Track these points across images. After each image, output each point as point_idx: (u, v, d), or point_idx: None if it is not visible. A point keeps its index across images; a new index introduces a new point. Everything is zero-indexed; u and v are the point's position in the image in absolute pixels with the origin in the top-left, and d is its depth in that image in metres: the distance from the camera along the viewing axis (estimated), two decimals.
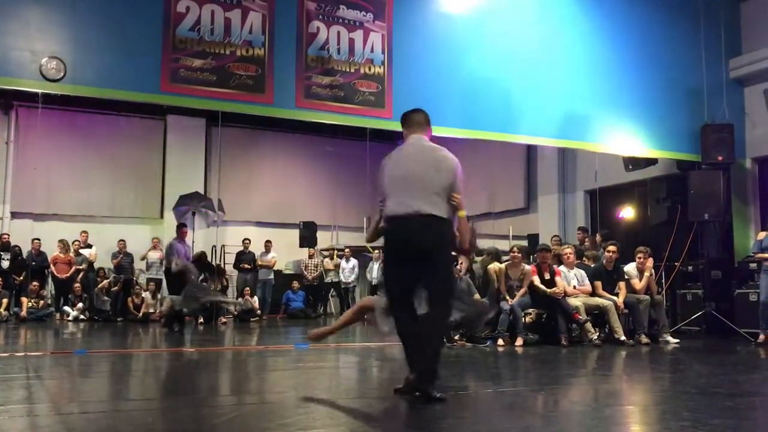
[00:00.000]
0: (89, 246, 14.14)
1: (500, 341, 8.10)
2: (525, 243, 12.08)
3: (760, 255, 8.71)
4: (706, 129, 9.86)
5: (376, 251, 15.90)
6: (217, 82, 7.37)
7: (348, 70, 7.99)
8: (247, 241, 14.75)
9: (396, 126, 8.54)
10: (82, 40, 7.07)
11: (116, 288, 13.57)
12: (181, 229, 10.76)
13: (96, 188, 15.43)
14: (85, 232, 14.22)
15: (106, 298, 13.47)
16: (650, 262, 8.96)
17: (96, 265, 14.09)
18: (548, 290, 8.29)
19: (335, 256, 15.59)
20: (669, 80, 9.87)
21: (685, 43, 9.99)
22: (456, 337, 8.23)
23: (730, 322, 9.30)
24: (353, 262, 15.61)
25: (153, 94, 7.45)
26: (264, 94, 7.54)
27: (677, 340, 8.52)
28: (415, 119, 4.53)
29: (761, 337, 8.62)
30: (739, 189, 10.38)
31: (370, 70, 8.09)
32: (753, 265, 9.09)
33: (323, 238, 16.35)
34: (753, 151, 10.31)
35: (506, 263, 8.85)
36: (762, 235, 9.03)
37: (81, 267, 13.64)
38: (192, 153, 16.12)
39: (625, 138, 9.69)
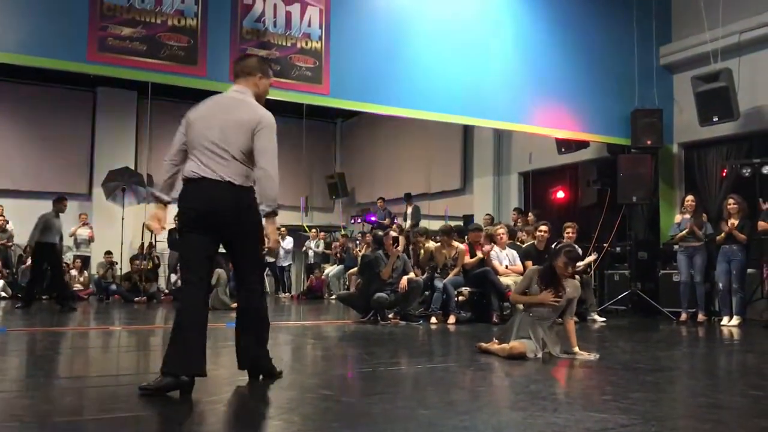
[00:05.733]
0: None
1: (433, 319, 8.19)
2: (460, 223, 12.20)
3: (680, 235, 9.02)
4: (636, 114, 10.11)
5: (313, 230, 15.83)
6: (147, 52, 7.12)
7: (284, 44, 7.83)
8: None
9: (334, 103, 8.56)
10: (2, 4, 6.74)
11: None
12: (61, 201, 10.20)
13: (19, 162, 14.82)
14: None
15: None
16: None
17: (18, 242, 13.56)
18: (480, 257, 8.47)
19: None
20: (601, 65, 10.07)
21: (618, 30, 10.17)
22: (390, 315, 8.27)
23: (654, 302, 9.63)
24: (288, 240, 15.49)
25: (79, 63, 7.14)
26: (196, 66, 7.32)
27: (604, 319, 8.76)
28: (239, 66, 3.93)
29: (683, 316, 8.96)
30: (666, 173, 10.71)
31: (307, 44, 7.95)
32: (677, 247, 9.40)
33: None
34: (680, 137, 10.61)
35: (437, 245, 8.94)
36: (678, 218, 9.38)
37: (9, 244, 13.30)
38: (122, 127, 15.65)
39: (558, 121, 9.88)
